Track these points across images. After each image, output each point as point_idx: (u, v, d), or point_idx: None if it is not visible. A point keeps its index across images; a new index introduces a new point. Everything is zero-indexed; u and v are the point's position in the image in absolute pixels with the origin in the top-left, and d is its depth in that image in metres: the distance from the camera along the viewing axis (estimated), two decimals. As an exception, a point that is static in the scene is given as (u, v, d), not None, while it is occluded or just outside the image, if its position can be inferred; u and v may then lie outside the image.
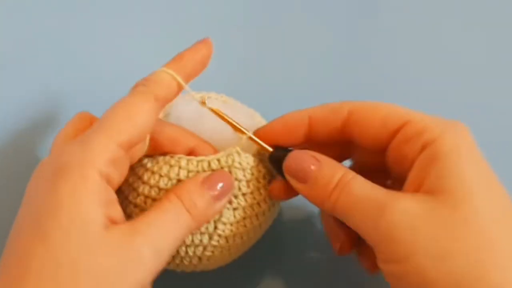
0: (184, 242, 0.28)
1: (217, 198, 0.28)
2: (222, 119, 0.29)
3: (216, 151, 0.30)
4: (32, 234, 0.23)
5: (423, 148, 0.26)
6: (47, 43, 0.45)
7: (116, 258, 0.23)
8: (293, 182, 0.28)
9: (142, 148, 0.29)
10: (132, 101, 0.27)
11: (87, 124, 0.29)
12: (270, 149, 0.29)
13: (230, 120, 0.29)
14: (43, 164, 0.26)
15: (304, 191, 0.28)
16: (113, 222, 0.24)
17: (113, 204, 0.25)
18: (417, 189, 0.25)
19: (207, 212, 0.27)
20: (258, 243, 0.32)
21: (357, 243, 0.30)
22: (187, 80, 0.28)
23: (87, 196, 0.24)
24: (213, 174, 0.28)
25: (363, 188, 0.26)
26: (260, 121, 0.33)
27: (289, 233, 0.35)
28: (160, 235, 0.25)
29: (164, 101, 0.28)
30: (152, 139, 0.29)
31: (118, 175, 0.26)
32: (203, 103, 0.29)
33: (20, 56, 0.45)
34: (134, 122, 0.26)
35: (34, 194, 0.25)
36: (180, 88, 0.28)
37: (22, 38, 0.45)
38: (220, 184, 0.28)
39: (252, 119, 0.32)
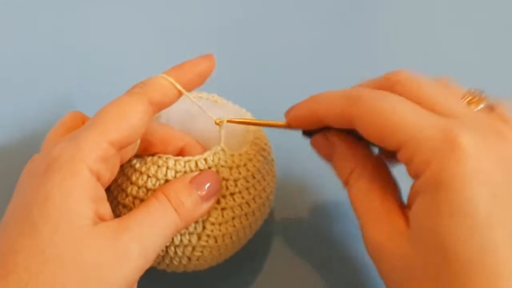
0: (173, 242, 0.28)
1: (205, 198, 0.28)
2: (244, 124, 0.30)
3: (205, 150, 0.30)
4: (20, 227, 0.23)
5: (417, 175, 0.24)
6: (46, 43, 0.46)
7: (104, 254, 0.23)
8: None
9: (133, 149, 0.29)
10: (126, 101, 0.27)
11: (79, 123, 0.30)
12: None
13: (251, 121, 0.31)
14: (34, 160, 0.26)
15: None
16: (101, 219, 0.25)
17: (102, 201, 0.26)
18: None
19: (195, 212, 0.27)
20: (250, 243, 0.32)
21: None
22: (181, 92, 0.28)
23: (77, 190, 0.24)
24: (201, 174, 0.28)
25: (359, 195, 0.27)
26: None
27: (281, 233, 0.35)
28: (148, 233, 0.25)
29: (159, 106, 0.28)
30: (142, 140, 0.29)
31: (108, 174, 0.26)
32: (220, 122, 0.30)
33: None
34: (127, 122, 0.26)
35: (23, 188, 0.25)
36: (177, 96, 0.28)
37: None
38: (208, 184, 0.28)
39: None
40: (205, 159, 0.29)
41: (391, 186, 0.27)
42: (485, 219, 0.21)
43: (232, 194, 0.29)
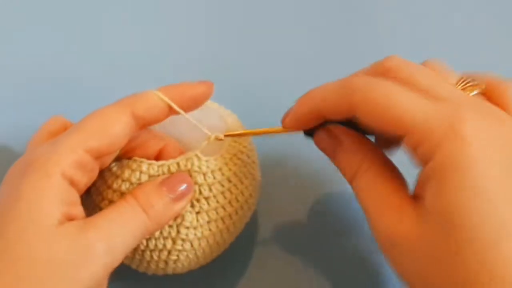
0: (148, 246, 0.28)
1: (176, 199, 0.27)
2: (242, 136, 0.30)
3: (183, 152, 0.30)
4: None
5: (424, 162, 0.24)
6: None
7: (69, 252, 0.24)
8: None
9: (113, 154, 0.29)
10: (109, 111, 0.27)
11: (61, 128, 0.30)
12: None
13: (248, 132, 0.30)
14: (15, 165, 0.27)
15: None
16: (72, 220, 0.25)
17: (75, 204, 0.26)
18: (419, 201, 0.24)
19: (166, 213, 0.27)
20: (234, 246, 0.31)
21: None
22: (172, 110, 0.28)
23: (48, 192, 0.24)
24: (171, 176, 0.28)
25: (373, 188, 0.26)
26: (231, 123, 0.32)
27: (266, 235, 0.34)
28: (114, 231, 0.25)
29: (144, 120, 0.27)
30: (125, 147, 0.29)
31: (85, 179, 0.27)
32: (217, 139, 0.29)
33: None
34: (107, 131, 0.26)
35: (1, 190, 0.26)
36: (166, 113, 0.28)
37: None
38: (179, 186, 0.28)
39: (222, 122, 0.31)
40: (178, 164, 0.28)
41: (398, 177, 0.26)
42: (493, 193, 0.22)
43: (206, 198, 0.28)
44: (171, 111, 0.28)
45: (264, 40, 0.45)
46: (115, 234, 0.25)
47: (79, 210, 0.26)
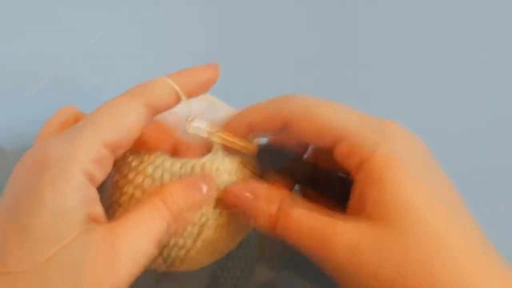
0: (168, 244, 0.28)
1: (200, 201, 0.27)
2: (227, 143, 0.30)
3: (199, 150, 0.30)
4: (11, 229, 0.23)
5: (359, 167, 0.25)
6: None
7: (96, 260, 0.23)
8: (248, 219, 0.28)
9: (128, 146, 0.29)
10: (122, 102, 0.26)
11: (72, 119, 0.29)
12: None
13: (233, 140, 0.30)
14: (25, 157, 0.25)
15: (256, 226, 0.28)
16: (94, 220, 0.24)
17: (95, 202, 0.25)
18: (359, 212, 0.25)
19: (189, 215, 0.27)
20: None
21: None
22: (186, 96, 0.28)
23: (70, 194, 0.23)
24: (197, 178, 0.28)
25: (302, 219, 0.25)
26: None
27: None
28: (141, 239, 0.25)
29: (156, 109, 0.27)
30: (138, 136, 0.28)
31: (102, 174, 0.26)
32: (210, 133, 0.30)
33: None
34: (121, 123, 0.26)
35: (15, 187, 0.25)
36: (176, 101, 0.28)
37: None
38: (204, 188, 0.28)
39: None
40: (203, 163, 0.28)
41: (318, 207, 0.26)
42: (412, 183, 0.24)
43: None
44: (179, 97, 0.28)
45: (266, 41, 0.46)
46: (141, 241, 0.25)
47: (99, 208, 0.25)
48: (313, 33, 0.47)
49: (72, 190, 0.24)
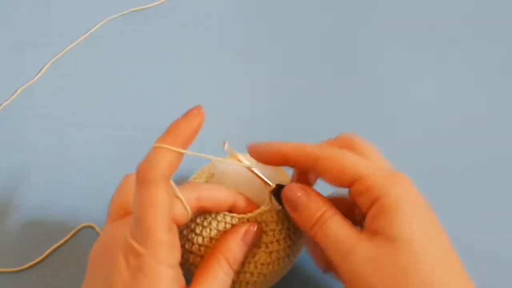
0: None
1: (250, 246, 0.35)
2: (253, 174, 0.36)
3: (252, 203, 0.37)
4: None
5: (373, 202, 0.31)
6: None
7: None
8: (288, 209, 0.35)
9: (183, 215, 0.34)
10: (151, 192, 0.30)
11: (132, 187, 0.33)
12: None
13: (258, 174, 0.36)
14: (98, 252, 0.32)
15: (295, 217, 0.35)
16: None
17: (182, 279, 0.32)
18: (374, 234, 0.31)
19: (242, 259, 0.35)
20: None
21: None
22: (182, 148, 0.31)
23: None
24: (249, 230, 0.35)
25: (336, 229, 0.32)
26: (285, 176, 0.40)
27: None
28: None
29: (171, 174, 0.31)
30: (200, 206, 0.35)
31: (178, 254, 0.32)
32: (238, 160, 0.37)
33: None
34: (163, 208, 0.30)
35: (104, 278, 0.30)
36: (180, 159, 0.31)
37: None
38: (253, 235, 0.35)
39: (275, 171, 0.39)
40: (255, 217, 0.36)
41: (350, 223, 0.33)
42: (415, 228, 0.31)
43: (277, 240, 0.36)
44: (182, 155, 0.31)
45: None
46: None
47: (183, 281, 0.32)
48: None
49: (167, 285, 0.30)
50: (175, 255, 0.31)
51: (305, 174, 0.37)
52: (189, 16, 0.60)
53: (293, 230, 0.37)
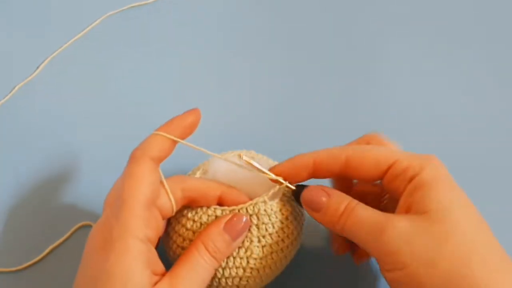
0: (223, 275, 0.35)
1: (235, 238, 0.34)
2: (255, 169, 0.36)
3: (243, 196, 0.36)
4: None
5: (409, 181, 0.32)
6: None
7: None
8: (309, 211, 0.35)
9: (168, 206, 0.35)
10: (135, 168, 0.32)
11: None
12: (293, 187, 0.36)
13: (261, 169, 0.36)
14: (92, 232, 0.32)
15: (318, 218, 0.34)
16: (157, 274, 0.31)
17: (155, 259, 0.32)
18: (407, 211, 0.32)
19: (227, 251, 0.34)
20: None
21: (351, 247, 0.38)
22: (175, 142, 0.34)
23: (134, 263, 0.30)
24: (232, 220, 0.34)
25: (366, 212, 0.32)
26: None
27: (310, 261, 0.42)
28: (195, 286, 0.32)
29: (160, 159, 0.33)
30: (186, 196, 0.35)
31: (154, 231, 0.33)
32: (239, 156, 0.36)
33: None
34: (144, 185, 0.32)
35: (87, 263, 0.31)
36: (172, 147, 0.34)
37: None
38: (238, 226, 0.34)
39: None
40: (246, 209, 0.35)
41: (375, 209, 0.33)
42: (450, 199, 0.31)
43: (270, 234, 0.35)
44: (175, 142, 0.34)
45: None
46: (195, 286, 0.32)
47: (159, 263, 0.32)
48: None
49: (133, 259, 0.30)
50: (147, 232, 0.31)
51: (343, 181, 0.38)
52: (188, 12, 0.59)
53: (286, 223, 0.36)
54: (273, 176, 0.35)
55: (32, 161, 0.48)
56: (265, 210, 0.35)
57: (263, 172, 0.36)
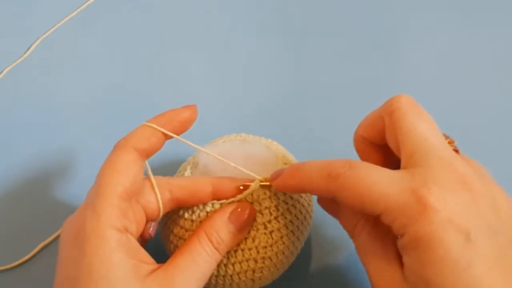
0: (234, 270, 0.32)
1: (240, 229, 0.31)
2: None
3: (239, 181, 0.33)
4: None
5: (400, 235, 0.26)
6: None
7: None
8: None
9: (154, 206, 0.32)
10: (115, 157, 0.30)
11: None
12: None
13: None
14: (66, 224, 0.29)
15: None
16: (143, 263, 0.28)
17: (137, 249, 0.29)
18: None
19: (231, 244, 0.31)
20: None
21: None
22: (166, 136, 0.31)
23: (114, 255, 0.27)
24: (237, 210, 0.31)
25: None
26: (276, 149, 0.36)
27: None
28: (193, 279, 0.29)
29: (146, 151, 0.31)
30: (174, 198, 0.32)
31: (132, 223, 0.30)
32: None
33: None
34: (122, 174, 0.29)
35: (64, 258, 0.28)
36: (162, 140, 0.31)
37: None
38: (244, 216, 0.31)
39: (267, 150, 0.35)
40: (246, 197, 0.32)
41: (390, 235, 0.28)
42: (463, 261, 0.24)
43: (276, 217, 0.32)
44: (166, 137, 0.31)
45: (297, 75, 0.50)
46: (192, 281, 0.29)
47: (142, 251, 0.29)
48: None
49: (112, 250, 0.27)
50: (124, 222, 0.28)
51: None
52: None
53: (291, 203, 0.33)
54: (247, 172, 0.32)
55: (22, 154, 0.45)
56: (265, 193, 0.32)
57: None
